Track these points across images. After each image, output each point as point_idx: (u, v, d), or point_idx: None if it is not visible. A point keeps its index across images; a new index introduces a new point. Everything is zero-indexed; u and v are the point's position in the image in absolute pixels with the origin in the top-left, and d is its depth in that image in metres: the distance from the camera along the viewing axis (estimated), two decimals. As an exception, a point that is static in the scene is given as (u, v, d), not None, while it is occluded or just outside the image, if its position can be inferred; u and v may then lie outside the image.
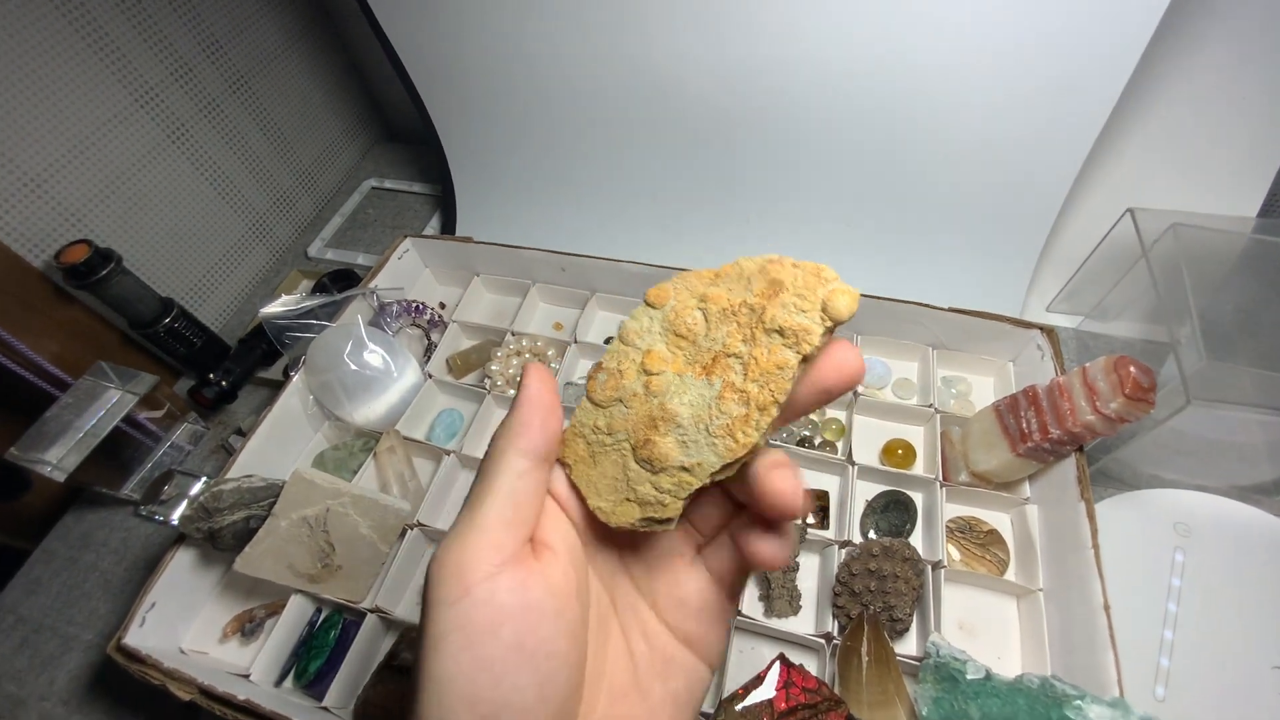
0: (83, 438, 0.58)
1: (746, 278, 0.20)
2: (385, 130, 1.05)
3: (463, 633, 0.17)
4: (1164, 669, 0.46)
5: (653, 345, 0.21)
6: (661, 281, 0.21)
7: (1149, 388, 0.44)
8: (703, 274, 0.21)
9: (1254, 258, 0.58)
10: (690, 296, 0.21)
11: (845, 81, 0.61)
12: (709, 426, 0.19)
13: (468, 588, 0.17)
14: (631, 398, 0.20)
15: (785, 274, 0.20)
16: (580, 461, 0.21)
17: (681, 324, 0.20)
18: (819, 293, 0.19)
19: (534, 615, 0.17)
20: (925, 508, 0.55)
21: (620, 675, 0.21)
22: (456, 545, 0.18)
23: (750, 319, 0.20)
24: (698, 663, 0.21)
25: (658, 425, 0.20)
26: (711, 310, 0.20)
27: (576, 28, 0.65)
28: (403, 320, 0.69)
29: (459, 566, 0.17)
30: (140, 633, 0.48)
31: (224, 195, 0.78)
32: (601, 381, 0.21)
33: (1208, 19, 0.56)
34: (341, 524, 0.52)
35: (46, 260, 0.61)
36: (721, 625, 0.22)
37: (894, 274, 0.69)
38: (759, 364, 0.19)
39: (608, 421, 0.21)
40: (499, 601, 0.17)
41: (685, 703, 0.21)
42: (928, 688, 0.43)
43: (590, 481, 0.21)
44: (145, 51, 0.67)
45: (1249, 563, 0.51)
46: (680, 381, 0.20)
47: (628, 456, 0.20)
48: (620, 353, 0.21)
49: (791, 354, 0.19)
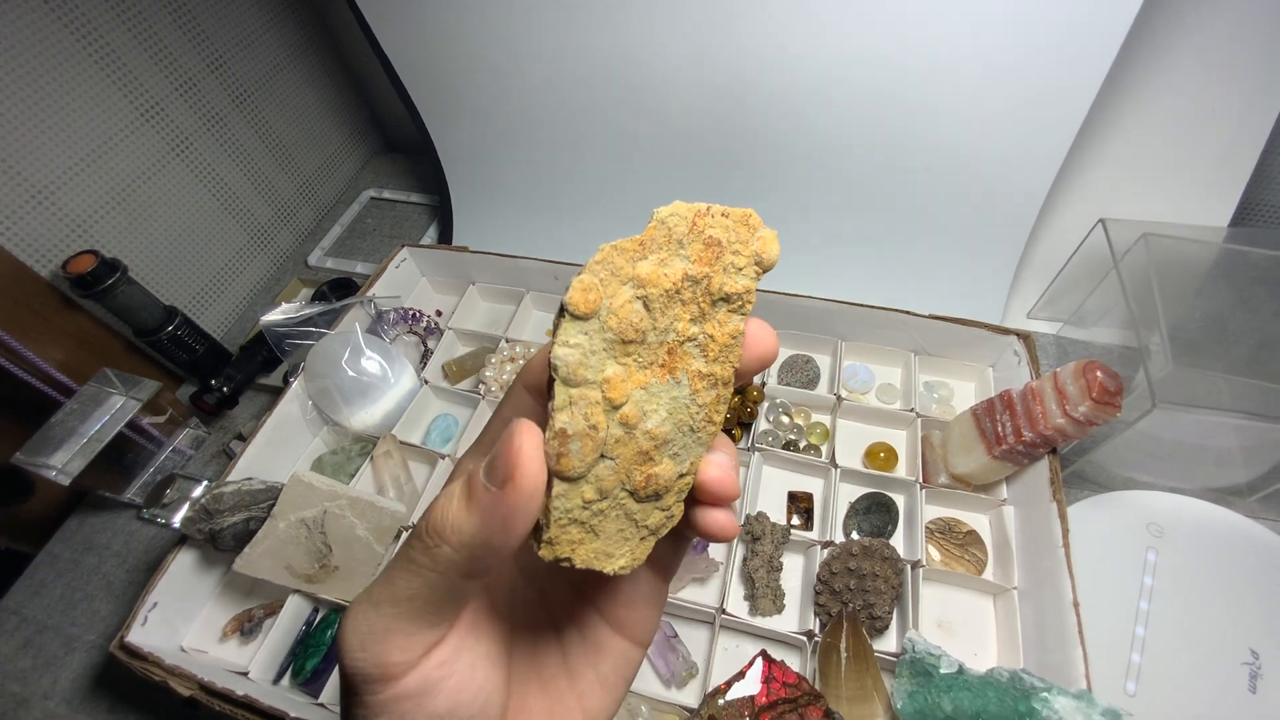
0: (87, 443, 0.60)
1: (677, 240, 0.17)
2: (384, 142, 1.07)
3: (393, 715, 0.16)
4: (1135, 665, 0.48)
5: (604, 370, 0.17)
6: (578, 275, 0.16)
7: (1115, 391, 0.46)
8: (624, 246, 0.17)
9: (1225, 266, 0.60)
10: (621, 285, 0.17)
11: (829, 98, 0.63)
12: (692, 425, 0.18)
13: (391, 680, 0.16)
14: (614, 445, 0.17)
15: (719, 229, 0.17)
16: (580, 544, 0.17)
17: (627, 328, 0.17)
18: (750, 244, 0.18)
19: (461, 678, 0.17)
20: (906, 509, 0.57)
21: (550, 664, 0.21)
22: (376, 636, 0.16)
23: (696, 293, 0.17)
24: (629, 645, 0.21)
25: (651, 456, 0.17)
26: (653, 296, 0.17)
27: (569, 42, 0.67)
28: (400, 328, 0.71)
29: (379, 665, 0.16)
30: (142, 631, 0.50)
31: (226, 206, 0.80)
32: (575, 452, 0.16)
33: (1176, 32, 0.58)
34: (338, 526, 0.53)
35: (53, 270, 0.63)
36: (654, 607, 0.22)
37: (878, 282, 0.71)
38: (716, 341, 0.18)
39: (597, 487, 0.17)
40: (429, 684, 0.17)
41: (613, 683, 0.21)
42: (904, 682, 0.44)
43: (599, 554, 0.18)
44: (150, 66, 0.69)
45: (1220, 562, 0.52)
46: (646, 394, 0.17)
47: (628, 502, 0.18)
48: (577, 401, 0.16)
49: (739, 319, 0.18)
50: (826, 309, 0.63)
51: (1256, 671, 0.47)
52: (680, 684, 0.49)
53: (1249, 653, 0.48)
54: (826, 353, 0.67)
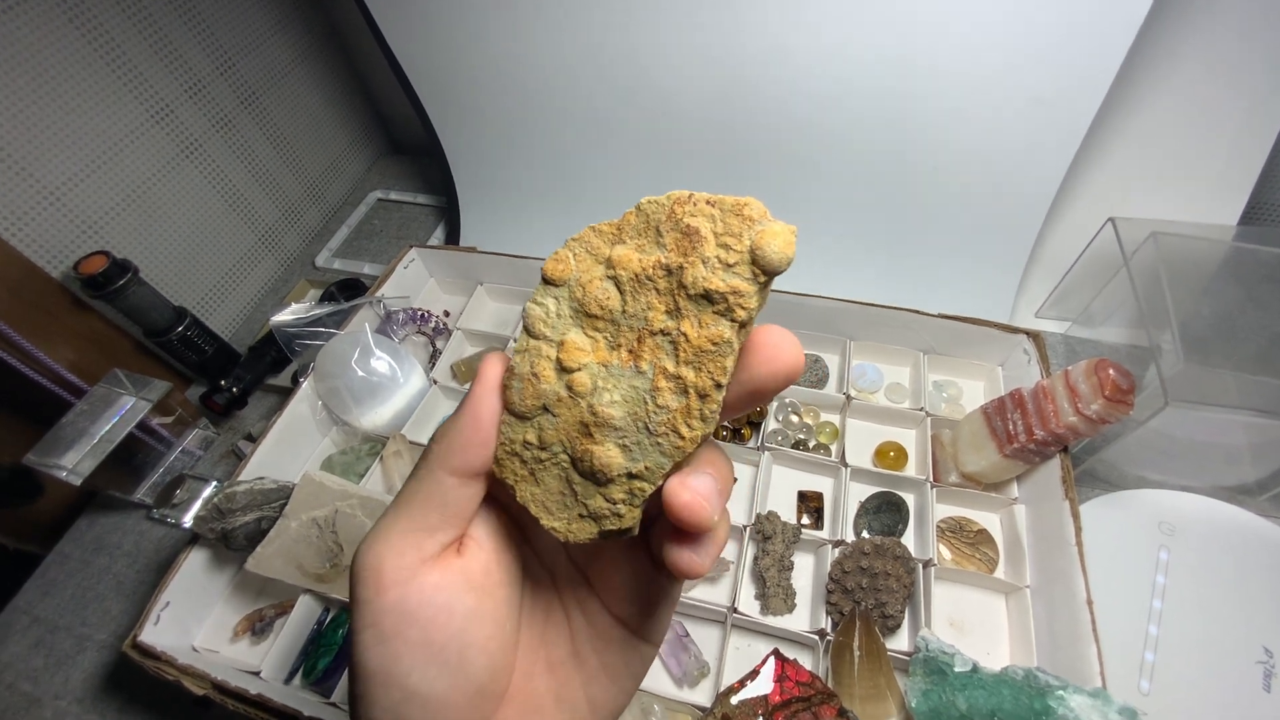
0: (98, 443, 0.60)
1: (654, 226, 0.17)
2: (391, 143, 1.07)
3: (375, 629, 0.18)
4: (1149, 663, 0.48)
5: (565, 333, 0.17)
6: (559, 248, 0.17)
7: (1128, 390, 0.46)
8: (603, 229, 0.17)
9: (1234, 264, 0.60)
10: (595, 263, 0.17)
11: (837, 99, 0.63)
12: (648, 424, 0.17)
13: (381, 589, 0.18)
14: (556, 403, 0.18)
15: (700, 218, 0.16)
16: (522, 480, 0.18)
17: (592, 301, 0.17)
18: (745, 238, 0.16)
19: (443, 615, 0.18)
20: (917, 508, 0.56)
21: (559, 646, 0.21)
22: (379, 543, 0.18)
23: (670, 284, 0.16)
24: (637, 641, 0.21)
25: (592, 433, 0.17)
26: (623, 278, 0.17)
27: (576, 43, 0.68)
28: (408, 328, 0.71)
29: (376, 568, 0.18)
30: (155, 631, 0.50)
31: (235, 207, 0.81)
32: (517, 390, 0.18)
33: (1184, 32, 0.59)
34: (349, 525, 0.53)
35: (64, 270, 0.63)
36: (662, 605, 0.21)
37: (886, 281, 0.71)
38: (690, 341, 0.16)
39: (538, 435, 0.18)
40: (407, 607, 0.18)
41: (623, 676, 0.21)
42: (917, 681, 0.44)
43: (537, 500, 0.18)
44: (160, 69, 0.69)
45: (1232, 560, 0.52)
46: (607, 374, 0.17)
47: (569, 469, 0.18)
48: (531, 350, 0.18)
49: (726, 324, 0.16)
50: (835, 308, 0.63)
51: (1271, 669, 0.47)
52: (693, 683, 0.49)
53: (1263, 651, 0.47)
54: (835, 352, 0.67)
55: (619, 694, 0.21)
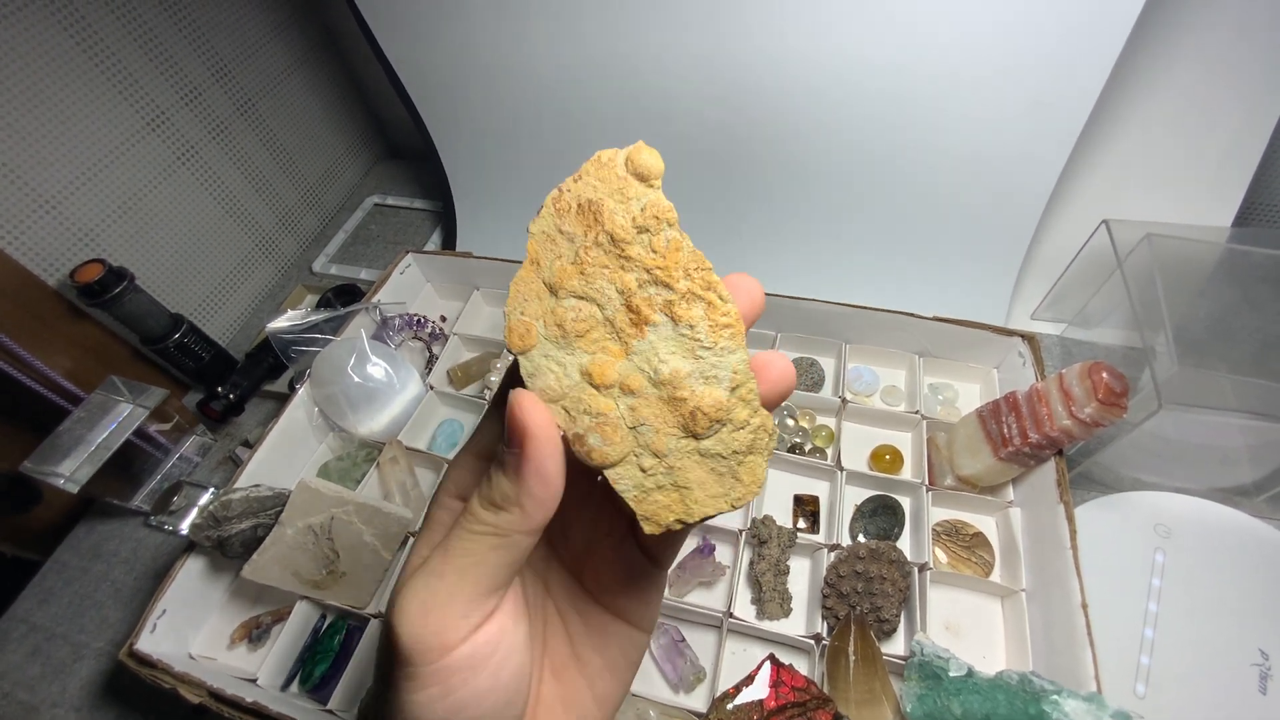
0: (95, 450, 0.60)
1: (554, 234, 0.18)
2: (387, 148, 1.08)
3: (442, 686, 0.17)
4: (1144, 667, 0.48)
5: (575, 369, 0.18)
6: (506, 323, 0.18)
7: (1121, 393, 0.46)
8: (523, 277, 0.18)
9: (1228, 266, 0.60)
10: (540, 303, 0.18)
11: (832, 103, 0.63)
12: (701, 344, 0.17)
13: (446, 649, 0.17)
14: (632, 414, 0.18)
15: (584, 191, 0.18)
16: (676, 504, 0.18)
17: (570, 325, 0.18)
18: (619, 172, 0.18)
19: (502, 657, 0.18)
20: (913, 511, 0.56)
21: (559, 650, 0.22)
22: (439, 604, 0.17)
23: (605, 250, 0.18)
24: (631, 630, 0.22)
25: (681, 396, 0.17)
26: (574, 286, 0.18)
27: (572, 48, 0.68)
28: (405, 334, 0.71)
29: (438, 633, 0.17)
30: (151, 639, 0.50)
31: (231, 213, 0.81)
32: (598, 444, 0.17)
33: (1178, 33, 0.59)
34: (346, 532, 0.53)
35: (60, 278, 0.63)
36: (652, 593, 0.22)
37: (881, 284, 0.71)
38: (660, 266, 0.17)
39: (649, 453, 0.18)
40: (478, 659, 0.17)
41: (622, 667, 0.22)
42: (912, 685, 0.44)
43: (707, 499, 0.18)
44: (155, 76, 0.69)
45: (1228, 562, 0.52)
46: (640, 355, 0.18)
47: (691, 447, 0.18)
48: (568, 407, 0.18)
49: (670, 230, 0.18)
50: (830, 312, 0.63)
51: (1267, 672, 0.47)
52: (688, 688, 0.49)
53: (1259, 653, 0.47)
54: (831, 355, 0.67)
55: (620, 686, 0.22)
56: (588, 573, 0.22)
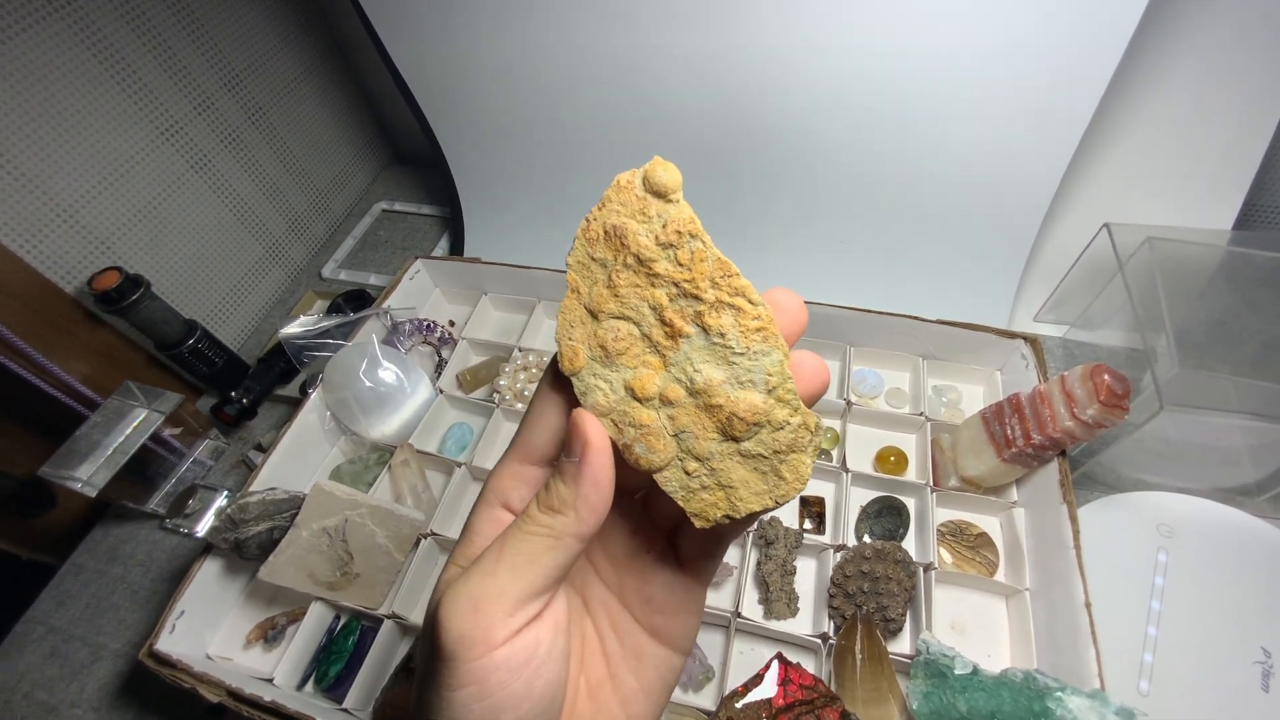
0: (111, 455, 0.61)
1: (588, 261, 0.19)
2: (395, 155, 1.09)
3: (480, 686, 0.17)
4: (1148, 664, 0.48)
5: (619, 385, 0.19)
6: (557, 349, 0.19)
7: (1123, 394, 0.47)
8: (567, 306, 0.19)
9: (1229, 269, 0.61)
10: (584, 328, 0.19)
11: (836, 106, 0.64)
12: (733, 350, 0.18)
13: (490, 646, 0.17)
14: (672, 423, 0.19)
15: (609, 217, 0.18)
16: (722, 501, 0.19)
17: (612, 345, 0.19)
18: (637, 191, 0.18)
19: (542, 663, 0.18)
20: (917, 512, 0.57)
21: (595, 670, 0.22)
22: (489, 600, 0.18)
23: (632, 276, 0.18)
24: (669, 653, 0.22)
25: (718, 404, 0.18)
26: (612, 309, 0.19)
27: (579, 53, 0.69)
28: (415, 338, 0.72)
29: (487, 628, 0.17)
30: (170, 639, 0.51)
31: (243, 221, 0.82)
32: (644, 451, 0.19)
33: (1179, 37, 0.59)
34: (359, 534, 0.54)
35: (78, 286, 0.64)
36: (691, 614, 0.22)
37: (885, 288, 0.72)
38: (688, 279, 0.18)
39: (692, 456, 0.19)
40: (517, 662, 0.18)
41: (657, 690, 0.22)
42: (919, 683, 0.45)
43: (751, 496, 0.19)
44: (170, 86, 0.71)
45: (1230, 562, 0.52)
46: (678, 367, 0.18)
47: (731, 450, 0.18)
48: (616, 420, 0.19)
49: (689, 244, 0.18)
50: (835, 315, 0.64)
51: (1269, 670, 0.47)
52: (697, 687, 0.50)
53: (1261, 651, 0.48)
54: (835, 358, 0.68)
55: (654, 709, 0.22)
56: (628, 589, 0.22)
